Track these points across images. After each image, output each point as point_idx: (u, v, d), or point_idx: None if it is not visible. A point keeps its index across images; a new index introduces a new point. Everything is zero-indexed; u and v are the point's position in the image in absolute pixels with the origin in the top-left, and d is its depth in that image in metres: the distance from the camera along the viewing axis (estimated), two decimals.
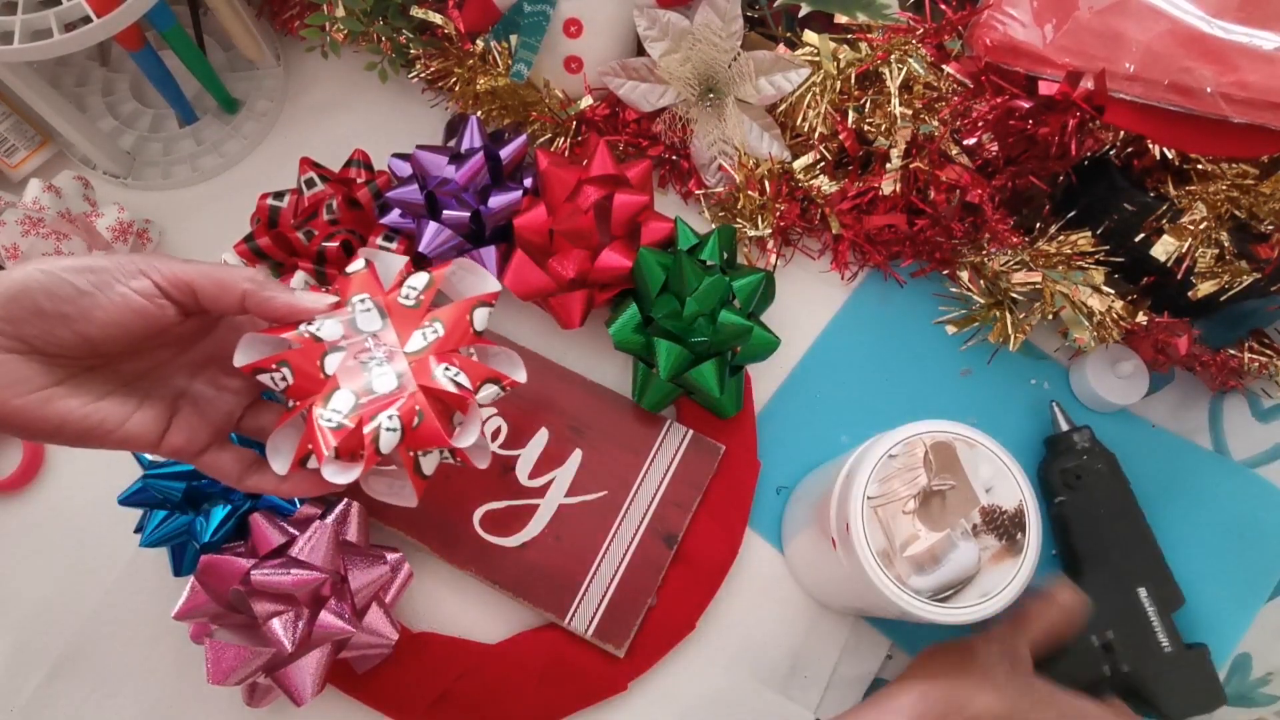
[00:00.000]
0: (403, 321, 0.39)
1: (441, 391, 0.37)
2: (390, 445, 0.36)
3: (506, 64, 0.56)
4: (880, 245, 0.58)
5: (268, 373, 0.37)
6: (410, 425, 0.36)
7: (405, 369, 0.38)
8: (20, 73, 0.51)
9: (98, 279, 0.33)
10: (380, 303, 0.39)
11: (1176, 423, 0.57)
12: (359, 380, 0.37)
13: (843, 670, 0.51)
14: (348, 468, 0.36)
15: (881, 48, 0.53)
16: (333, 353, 0.37)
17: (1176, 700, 0.47)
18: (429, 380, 0.37)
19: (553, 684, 0.49)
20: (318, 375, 0.37)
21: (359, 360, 0.37)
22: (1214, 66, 0.44)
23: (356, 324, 0.38)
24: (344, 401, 0.36)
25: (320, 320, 0.38)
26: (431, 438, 0.37)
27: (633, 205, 0.52)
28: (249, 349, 0.37)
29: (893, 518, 0.40)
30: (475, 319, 0.40)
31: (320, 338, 0.37)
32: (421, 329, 0.39)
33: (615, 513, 0.51)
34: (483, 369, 0.39)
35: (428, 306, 0.40)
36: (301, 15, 0.61)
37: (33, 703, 0.49)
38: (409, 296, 0.40)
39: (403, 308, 0.39)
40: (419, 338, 0.39)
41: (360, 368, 0.37)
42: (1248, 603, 0.53)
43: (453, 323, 0.39)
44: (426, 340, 0.38)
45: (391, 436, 0.36)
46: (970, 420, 0.42)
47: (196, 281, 0.35)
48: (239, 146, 0.62)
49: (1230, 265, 0.50)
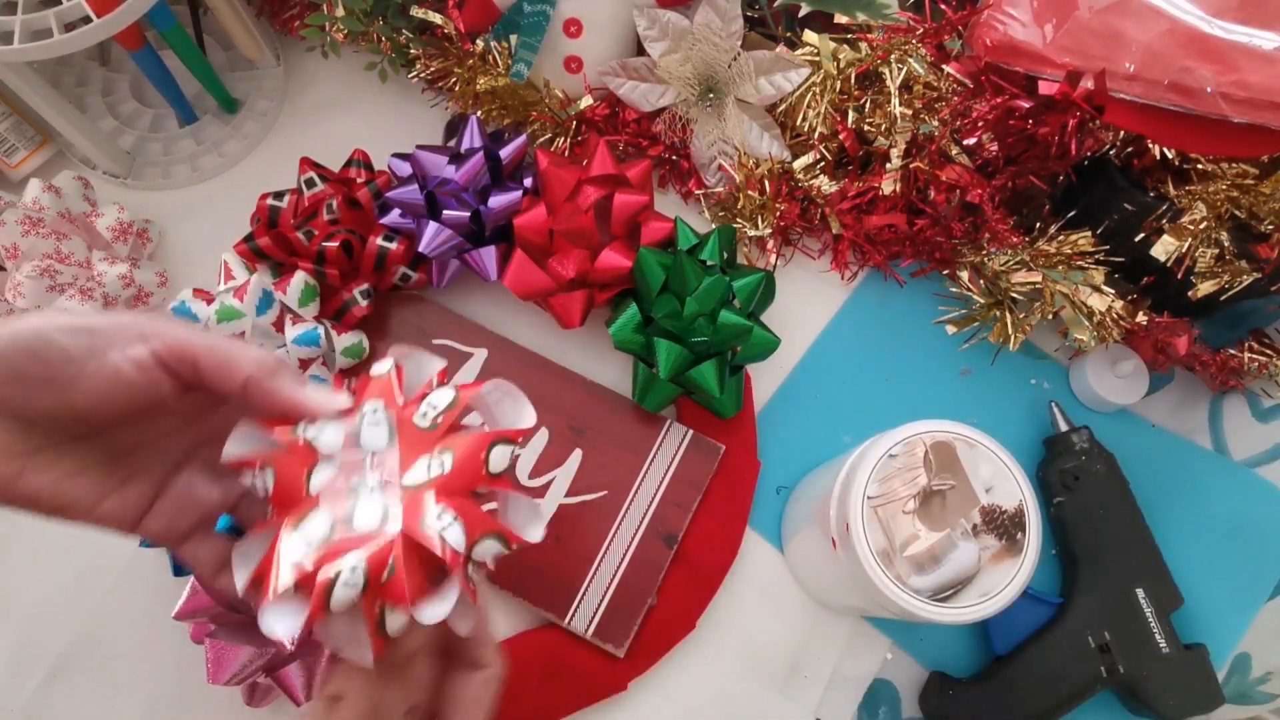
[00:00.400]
0: (411, 444, 0.34)
1: (425, 547, 0.31)
2: (344, 602, 0.30)
3: (506, 64, 0.56)
4: (880, 245, 0.58)
5: (250, 473, 0.33)
6: (378, 578, 0.30)
7: (396, 504, 0.32)
8: (20, 73, 0.51)
9: (91, 343, 0.30)
10: (393, 417, 0.34)
11: (1176, 423, 0.57)
12: (342, 505, 0.32)
13: (843, 670, 0.51)
14: (295, 613, 0.30)
15: (881, 48, 0.53)
16: (324, 466, 0.33)
17: (1173, 701, 0.48)
18: (416, 526, 0.31)
19: (553, 684, 0.49)
20: (300, 489, 0.32)
21: (349, 482, 0.32)
22: (1214, 66, 0.44)
23: (360, 437, 0.33)
24: (318, 528, 0.31)
25: (323, 424, 0.33)
26: (398, 598, 0.31)
27: (633, 205, 0.52)
28: (242, 440, 0.33)
29: (893, 518, 0.40)
30: (492, 459, 0.33)
31: (316, 445, 0.33)
32: (429, 458, 0.33)
33: (615, 513, 0.51)
34: (487, 520, 0.33)
35: (445, 431, 0.34)
36: (301, 15, 0.61)
37: (33, 703, 0.49)
38: (426, 416, 0.34)
39: (416, 428, 0.34)
40: (422, 468, 0.33)
41: (348, 491, 0.32)
42: (1247, 603, 0.53)
43: (464, 457, 0.33)
44: (430, 474, 0.33)
45: (348, 592, 0.30)
46: (970, 420, 0.42)
47: (201, 356, 0.32)
48: (239, 146, 0.62)
49: (1230, 265, 0.50)
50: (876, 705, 0.51)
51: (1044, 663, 0.48)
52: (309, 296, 0.51)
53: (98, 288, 0.52)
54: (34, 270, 0.50)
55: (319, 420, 0.33)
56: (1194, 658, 0.49)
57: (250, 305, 0.49)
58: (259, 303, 0.49)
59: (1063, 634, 0.49)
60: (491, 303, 0.57)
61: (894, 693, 0.52)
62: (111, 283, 0.52)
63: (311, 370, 0.51)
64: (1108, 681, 0.48)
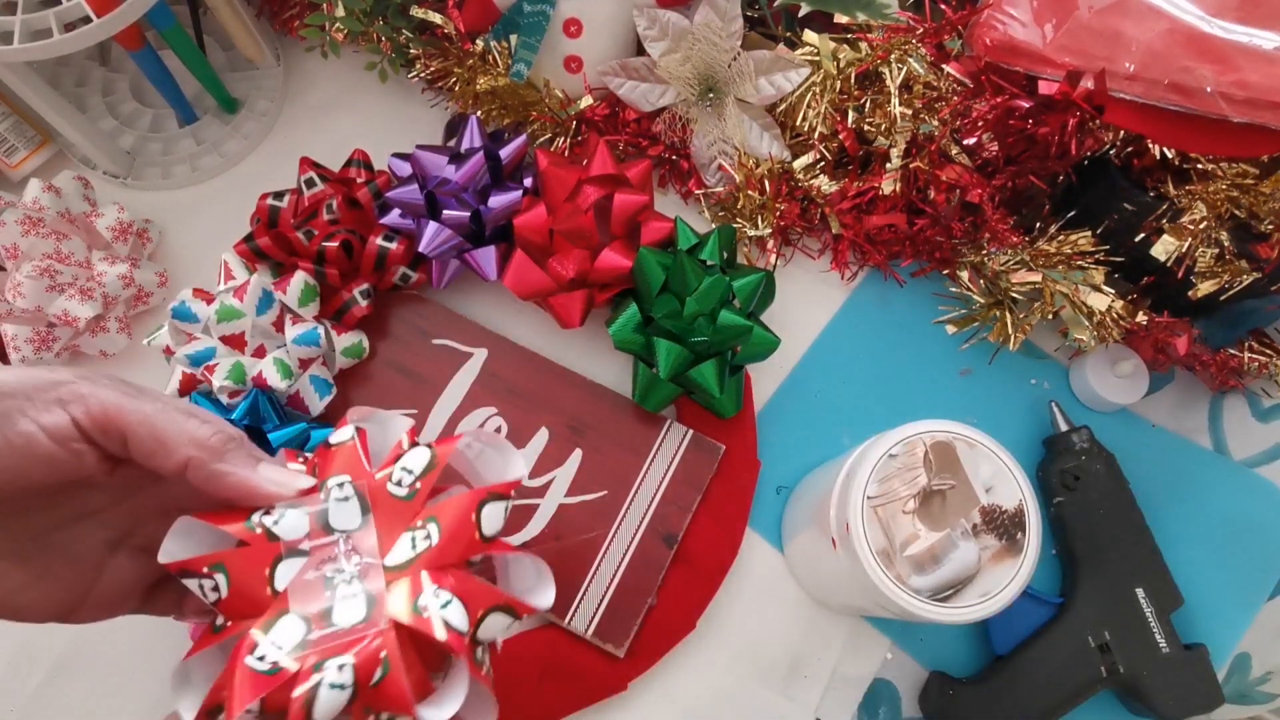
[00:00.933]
0: (390, 518, 0.29)
1: (423, 633, 0.27)
2: (331, 711, 0.25)
3: (506, 64, 0.56)
4: (880, 245, 0.58)
5: (195, 578, 0.27)
6: (368, 680, 0.26)
7: (382, 590, 0.28)
8: (20, 73, 0.51)
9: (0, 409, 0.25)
10: (364, 490, 0.29)
11: (1176, 422, 0.57)
12: (317, 601, 0.27)
13: (843, 670, 0.51)
14: None
15: (881, 47, 0.53)
16: (289, 558, 0.28)
17: (1173, 701, 0.48)
18: (408, 613, 0.27)
19: (553, 684, 0.49)
20: (262, 590, 0.27)
21: (322, 573, 0.28)
22: (1214, 66, 0.44)
23: (328, 518, 0.29)
24: (291, 632, 0.26)
25: (283, 509, 0.28)
26: (396, 703, 0.26)
27: (633, 205, 0.52)
28: (182, 538, 0.28)
29: (893, 517, 0.40)
30: (484, 520, 0.29)
31: (276, 535, 0.28)
32: (413, 531, 0.29)
33: (615, 513, 0.51)
34: (490, 592, 0.29)
35: (426, 497, 0.30)
36: (301, 15, 0.61)
37: (33, 703, 0.49)
38: (401, 483, 0.30)
39: (392, 499, 0.29)
40: (407, 544, 0.29)
41: (322, 584, 0.28)
42: (1247, 602, 0.53)
43: (453, 524, 0.29)
44: (416, 549, 0.28)
45: (336, 696, 0.25)
46: (970, 420, 0.42)
47: (131, 428, 0.27)
48: (239, 146, 0.62)
49: (1230, 265, 0.50)
50: (876, 705, 0.51)
51: (1044, 663, 0.48)
52: (309, 296, 0.51)
53: (98, 288, 0.52)
54: (34, 270, 0.50)
55: (277, 507, 0.28)
56: (1194, 658, 0.49)
57: (250, 305, 0.49)
58: (259, 303, 0.49)
59: (1063, 634, 0.49)
60: (491, 303, 0.57)
61: (894, 693, 0.52)
62: (111, 283, 0.52)
63: (312, 370, 0.51)
64: (1108, 681, 0.48)
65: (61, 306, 0.51)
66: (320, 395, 0.51)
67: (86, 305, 0.51)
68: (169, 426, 0.27)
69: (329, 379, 0.52)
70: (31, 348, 0.52)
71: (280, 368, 0.49)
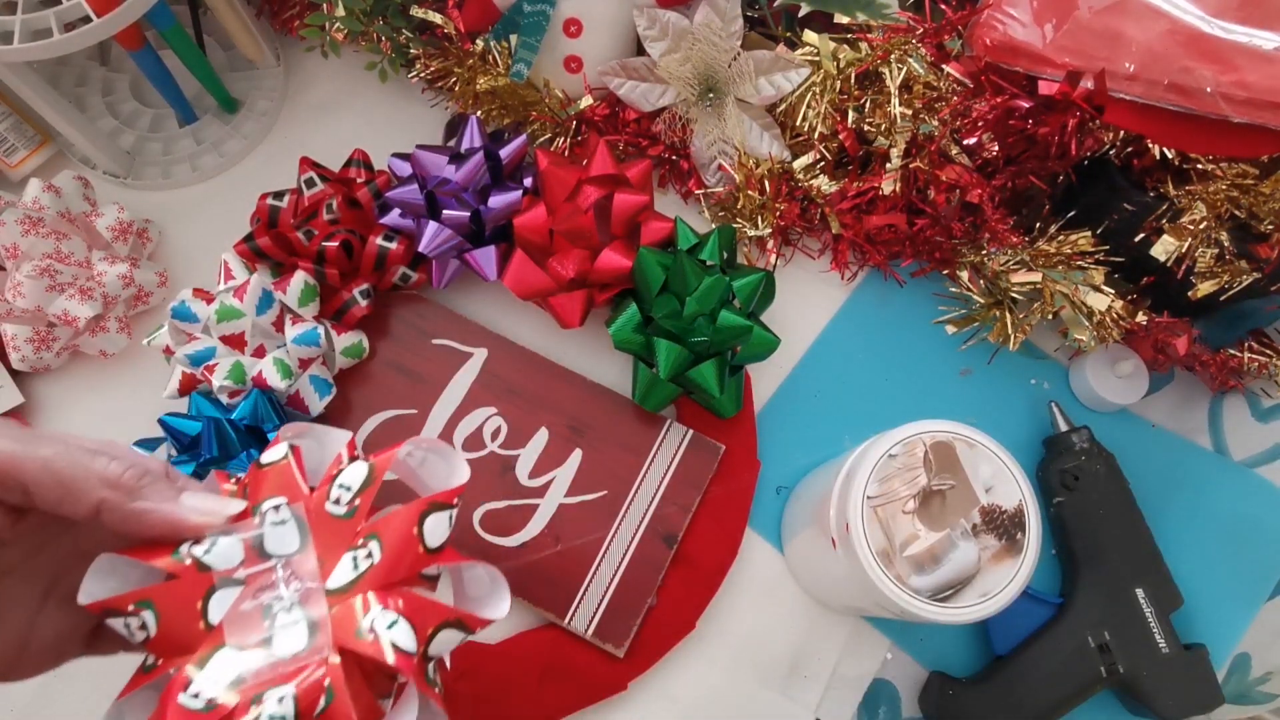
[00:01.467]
0: (329, 539, 0.28)
1: (370, 658, 0.26)
2: None
3: (506, 64, 0.56)
4: (880, 245, 0.58)
5: (121, 616, 0.26)
6: (311, 710, 0.25)
7: (324, 615, 0.26)
8: (20, 72, 0.51)
9: None
10: (300, 511, 0.28)
11: (1176, 423, 0.57)
12: (255, 632, 0.26)
13: (843, 670, 0.51)
14: None
15: (881, 47, 0.53)
16: (223, 588, 0.26)
17: (1173, 701, 0.48)
18: (351, 639, 0.26)
19: (553, 684, 0.49)
20: (195, 625, 0.26)
21: (259, 601, 0.26)
22: (1214, 66, 0.44)
23: (264, 543, 0.27)
24: (227, 667, 0.25)
25: (213, 537, 0.27)
26: None
27: (633, 205, 0.52)
28: (105, 577, 0.26)
29: (893, 517, 0.40)
30: (427, 532, 0.28)
31: (207, 565, 0.26)
32: (353, 551, 0.27)
33: (615, 513, 0.51)
34: (438, 608, 0.27)
35: (367, 513, 0.28)
36: (301, 15, 0.61)
37: (33, 703, 0.49)
38: (339, 501, 0.28)
39: (330, 518, 0.28)
40: (348, 565, 0.27)
41: (260, 614, 0.26)
42: (1247, 603, 0.53)
43: (396, 540, 0.27)
44: (358, 569, 0.27)
45: None
46: (970, 420, 0.42)
47: (30, 476, 0.25)
48: (239, 146, 0.62)
49: (1230, 265, 0.50)
50: (876, 705, 0.51)
51: (1044, 663, 0.48)
52: (309, 296, 0.51)
53: (98, 287, 0.52)
54: (34, 270, 0.50)
55: (206, 536, 0.27)
56: (1194, 658, 0.49)
57: (250, 305, 0.49)
58: (259, 302, 0.49)
59: (1063, 634, 0.49)
60: (491, 303, 0.57)
61: (894, 693, 0.52)
62: (111, 282, 0.52)
63: (312, 370, 0.51)
64: (1108, 681, 0.48)
65: (61, 306, 0.51)
66: (320, 395, 0.51)
67: (86, 305, 0.51)
68: (73, 470, 0.25)
69: (329, 379, 0.52)
70: (31, 348, 0.52)
71: (280, 368, 0.49)
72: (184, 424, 0.47)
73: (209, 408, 0.49)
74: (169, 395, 0.50)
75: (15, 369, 0.53)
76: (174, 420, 0.47)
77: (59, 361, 0.54)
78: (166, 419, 0.47)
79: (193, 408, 0.49)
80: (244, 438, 0.48)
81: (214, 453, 0.47)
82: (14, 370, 0.53)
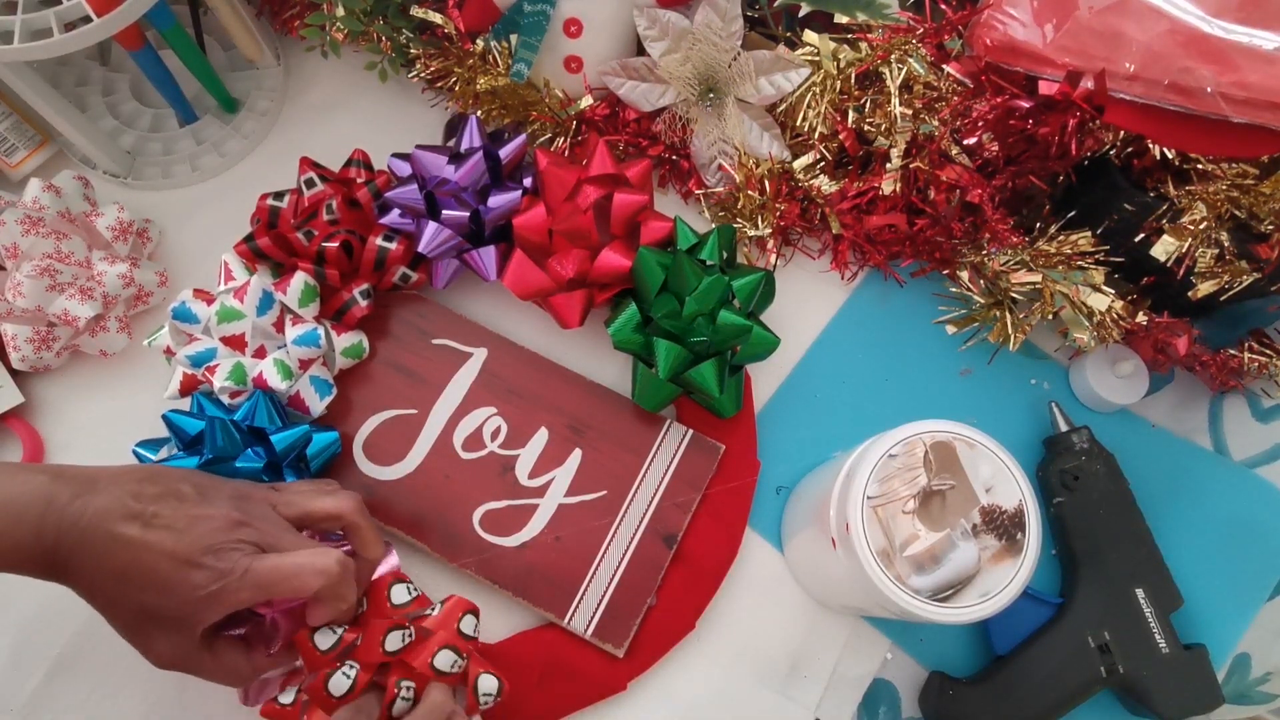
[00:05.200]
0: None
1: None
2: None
3: (506, 64, 0.56)
4: (880, 245, 0.58)
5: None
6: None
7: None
8: (20, 72, 0.51)
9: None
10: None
11: (1176, 423, 0.57)
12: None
13: (843, 670, 0.51)
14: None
15: (881, 48, 0.53)
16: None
17: (1173, 701, 0.48)
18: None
19: (553, 684, 0.49)
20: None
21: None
22: (1214, 66, 0.44)
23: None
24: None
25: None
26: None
27: (632, 205, 0.52)
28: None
29: (893, 518, 0.40)
30: (392, 595, 0.45)
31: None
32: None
33: (615, 513, 0.51)
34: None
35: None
36: (301, 15, 0.61)
37: (33, 703, 0.49)
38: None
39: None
40: (397, 640, 0.42)
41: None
42: (1247, 603, 0.53)
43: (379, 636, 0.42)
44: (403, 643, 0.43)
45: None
46: (970, 420, 0.42)
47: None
48: (239, 146, 0.62)
49: (1230, 265, 0.50)
50: (876, 705, 0.51)
51: (1044, 663, 0.48)
52: (309, 297, 0.51)
53: (98, 287, 0.52)
54: (34, 270, 0.50)
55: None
56: (1194, 658, 0.49)
57: (250, 306, 0.49)
58: (259, 303, 0.49)
59: (1063, 634, 0.49)
60: (491, 303, 0.57)
61: (894, 693, 0.52)
62: (111, 282, 0.52)
63: (312, 370, 0.51)
64: (1108, 681, 0.48)
65: (61, 306, 0.51)
66: (321, 395, 0.51)
67: (86, 305, 0.51)
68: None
69: (329, 379, 0.52)
70: (31, 347, 0.52)
71: (280, 368, 0.49)
72: (187, 422, 0.47)
73: (212, 407, 0.49)
74: (170, 396, 0.50)
75: (15, 369, 0.53)
76: (178, 417, 0.48)
77: (59, 361, 0.54)
78: (170, 415, 0.48)
79: (195, 407, 0.49)
80: (246, 438, 0.48)
81: (216, 452, 0.47)
82: (14, 370, 0.53)
